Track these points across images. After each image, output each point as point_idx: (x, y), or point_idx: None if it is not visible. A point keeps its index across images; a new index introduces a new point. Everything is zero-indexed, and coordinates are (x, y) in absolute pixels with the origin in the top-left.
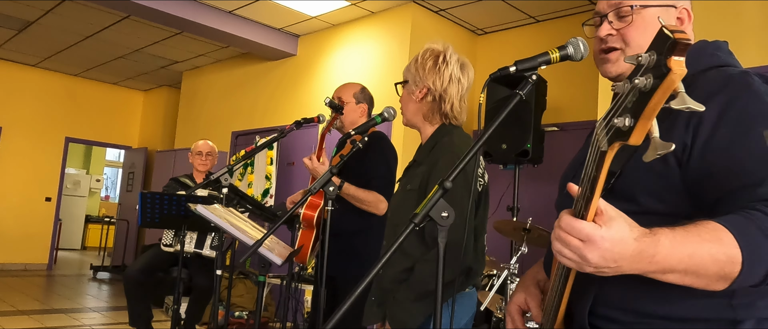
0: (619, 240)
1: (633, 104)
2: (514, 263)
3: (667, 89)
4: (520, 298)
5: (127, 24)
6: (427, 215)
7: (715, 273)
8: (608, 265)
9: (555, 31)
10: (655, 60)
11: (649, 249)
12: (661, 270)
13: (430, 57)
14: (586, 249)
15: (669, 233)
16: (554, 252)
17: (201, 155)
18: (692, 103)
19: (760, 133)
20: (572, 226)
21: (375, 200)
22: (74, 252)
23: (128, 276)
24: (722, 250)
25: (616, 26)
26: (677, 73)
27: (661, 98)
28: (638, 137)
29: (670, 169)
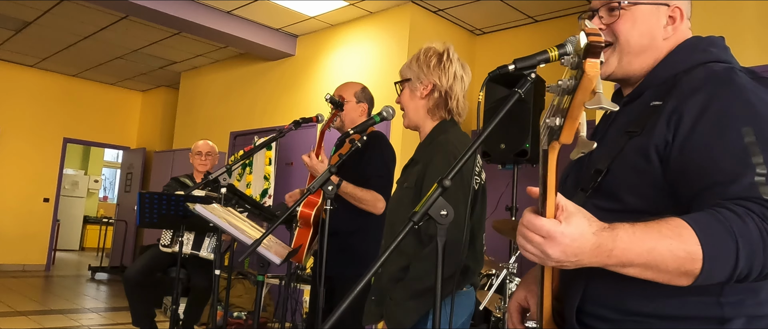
0: (579, 235)
1: (563, 104)
2: (512, 262)
3: (585, 89)
4: (520, 296)
5: (125, 24)
6: (426, 213)
7: (675, 269)
8: (569, 259)
9: (553, 31)
10: (576, 62)
11: (607, 243)
12: (620, 264)
13: (434, 55)
14: (546, 244)
15: (628, 229)
16: (519, 248)
17: (201, 155)
18: (607, 103)
19: (739, 131)
20: (533, 223)
21: (373, 199)
22: (72, 252)
23: (128, 278)
24: (682, 247)
25: (606, 21)
26: (591, 75)
27: (581, 98)
28: (568, 135)
29: (652, 167)
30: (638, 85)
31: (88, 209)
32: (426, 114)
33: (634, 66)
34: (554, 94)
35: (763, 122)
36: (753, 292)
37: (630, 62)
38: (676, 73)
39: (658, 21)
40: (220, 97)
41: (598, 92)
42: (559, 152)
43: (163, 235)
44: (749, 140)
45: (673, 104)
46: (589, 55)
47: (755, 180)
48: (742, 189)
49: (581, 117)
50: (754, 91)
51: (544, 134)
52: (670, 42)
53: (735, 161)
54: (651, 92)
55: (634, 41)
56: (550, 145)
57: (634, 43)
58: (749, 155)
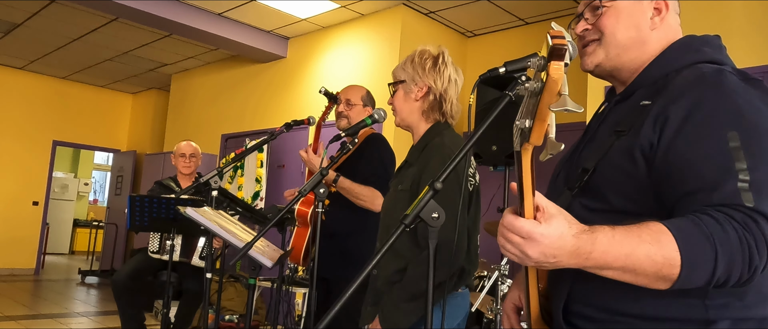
0: (558, 237)
1: (531, 107)
2: (504, 264)
3: (550, 92)
4: (514, 295)
5: (115, 26)
6: (418, 216)
7: (653, 274)
8: (547, 260)
9: (544, 33)
10: (542, 64)
11: (585, 246)
12: (597, 267)
13: (429, 57)
14: (526, 245)
15: (608, 232)
16: (500, 248)
17: (184, 157)
18: (571, 105)
19: (724, 136)
20: (513, 224)
21: (371, 195)
22: (62, 256)
23: (116, 282)
24: (660, 252)
25: (591, 21)
26: (554, 78)
27: (547, 100)
28: (537, 137)
29: (638, 168)
30: (630, 84)
31: (78, 212)
32: (420, 116)
33: (624, 59)
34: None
35: (748, 127)
36: (738, 295)
37: (619, 55)
38: (667, 73)
39: (643, 13)
40: (211, 99)
41: (563, 95)
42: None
43: (151, 241)
44: (734, 145)
45: (661, 106)
46: (554, 58)
47: (738, 187)
48: (725, 196)
49: (550, 118)
50: (742, 94)
51: (517, 135)
52: (662, 38)
53: (717, 167)
54: (642, 91)
55: (621, 34)
56: (523, 146)
57: (620, 36)
58: (732, 160)
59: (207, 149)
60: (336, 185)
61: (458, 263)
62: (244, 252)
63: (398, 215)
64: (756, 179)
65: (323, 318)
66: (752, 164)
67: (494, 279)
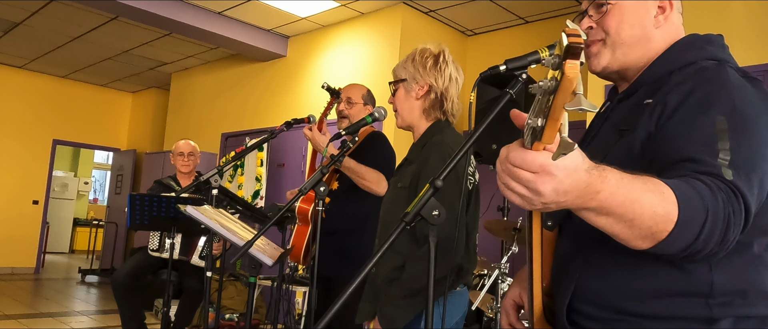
0: (573, 170)
1: (544, 105)
2: (504, 262)
3: (565, 91)
4: (514, 293)
5: (115, 25)
6: (418, 213)
7: (647, 227)
8: (558, 199)
9: (544, 31)
10: (557, 63)
11: (596, 183)
12: (598, 209)
13: (430, 56)
14: (538, 180)
15: (617, 173)
16: (501, 189)
17: (183, 155)
18: (586, 104)
19: (712, 119)
20: (524, 158)
21: (376, 177)
22: (62, 255)
23: (116, 281)
24: (662, 205)
25: (595, 19)
26: (570, 77)
27: (562, 99)
28: (549, 136)
29: (638, 163)
30: (633, 82)
31: (78, 211)
32: (421, 115)
33: (631, 57)
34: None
35: (737, 115)
36: (741, 293)
37: (625, 53)
38: (671, 71)
39: (647, 12)
40: (211, 98)
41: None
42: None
43: (151, 239)
44: (720, 127)
45: (658, 98)
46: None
47: (718, 162)
48: (704, 167)
49: (563, 118)
50: (737, 86)
51: (527, 134)
52: (666, 37)
53: (701, 143)
54: (645, 89)
55: (626, 33)
56: (533, 145)
57: (625, 34)
58: (716, 141)
59: (207, 148)
60: (340, 165)
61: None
62: (245, 249)
63: (397, 212)
64: (735, 158)
65: (323, 317)
66: (734, 146)
67: (494, 277)
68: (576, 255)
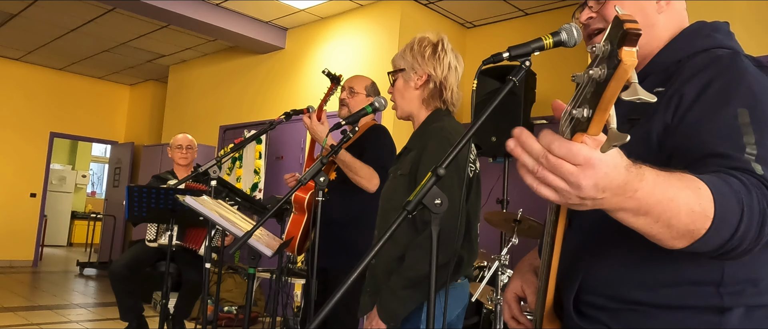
0: (614, 166)
1: (591, 95)
2: (504, 254)
3: (619, 79)
4: (516, 285)
5: (112, 17)
6: (421, 202)
7: (684, 225)
8: (597, 195)
9: (544, 23)
10: (609, 50)
11: (634, 181)
12: (635, 209)
13: (429, 45)
14: (582, 173)
15: (653, 171)
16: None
17: (181, 148)
18: (644, 94)
19: (734, 111)
20: (569, 149)
21: (369, 173)
22: (60, 248)
23: (113, 272)
24: (699, 202)
25: (595, 9)
26: (627, 64)
27: (615, 89)
28: (597, 128)
29: (652, 153)
30: (641, 71)
31: (76, 204)
32: (420, 104)
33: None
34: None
35: (759, 106)
36: (753, 281)
37: None
38: (679, 59)
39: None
40: (209, 90)
41: (633, 82)
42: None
43: (148, 230)
44: (743, 120)
45: (675, 88)
46: (627, 43)
47: (745, 157)
48: (733, 162)
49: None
50: (755, 76)
51: (566, 124)
52: (671, 24)
53: (726, 137)
54: (654, 78)
55: None
56: (574, 137)
57: None
58: (741, 134)
59: (205, 140)
60: (336, 157)
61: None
62: (244, 240)
63: (397, 199)
64: (762, 153)
65: (321, 309)
66: (759, 139)
67: (494, 269)
68: (584, 247)
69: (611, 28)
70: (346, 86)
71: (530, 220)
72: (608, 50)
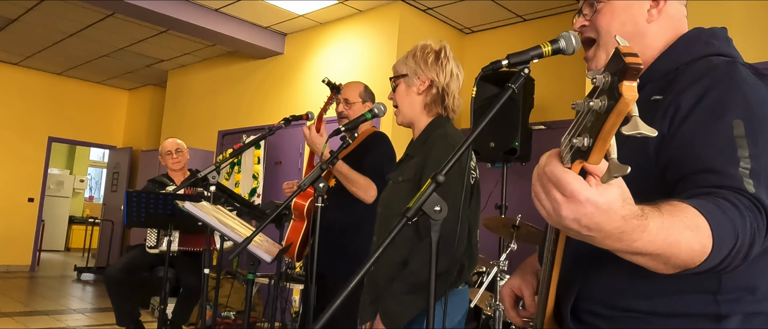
0: (606, 211)
1: (591, 125)
2: (503, 260)
3: (620, 113)
4: (515, 282)
5: (111, 22)
6: (420, 209)
7: (682, 262)
8: (580, 230)
9: (542, 29)
10: (610, 82)
11: (634, 232)
12: (632, 253)
13: (432, 52)
14: (565, 204)
15: (658, 219)
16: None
17: (171, 154)
18: (645, 128)
19: (729, 123)
20: (560, 177)
21: (366, 184)
22: (58, 253)
23: (109, 276)
24: (699, 240)
25: (588, 17)
26: (628, 99)
27: (615, 121)
28: (597, 157)
29: (650, 162)
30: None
31: (74, 209)
32: (422, 110)
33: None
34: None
35: (754, 118)
36: (750, 289)
37: None
38: (677, 67)
39: (640, 7)
40: (207, 95)
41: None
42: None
43: (148, 236)
44: (738, 132)
45: (672, 97)
46: (628, 78)
47: (739, 172)
48: (726, 179)
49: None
50: (752, 86)
51: (567, 151)
52: (665, 31)
53: (720, 151)
54: (652, 86)
55: (616, 30)
56: (573, 164)
57: (615, 32)
58: (735, 147)
59: (204, 145)
60: (333, 167)
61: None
62: (244, 246)
63: (398, 205)
64: (756, 167)
65: (320, 317)
66: (754, 153)
67: (493, 274)
68: (583, 255)
69: (612, 59)
70: (340, 99)
71: (529, 226)
72: (609, 82)
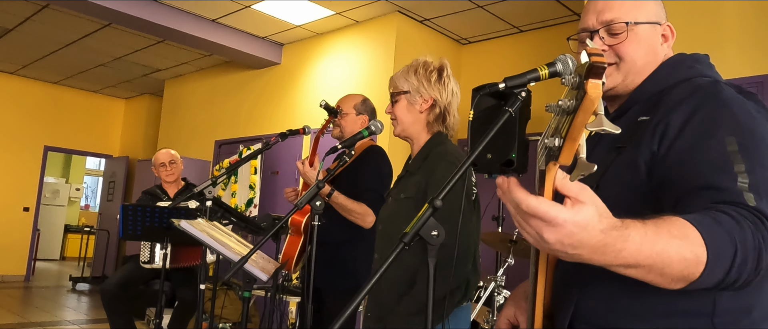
0: (583, 227)
1: (562, 125)
2: (500, 275)
3: (586, 110)
4: (509, 312)
5: (108, 32)
6: (417, 234)
7: (678, 272)
8: (566, 250)
9: (538, 41)
10: (577, 82)
11: (616, 243)
12: (624, 265)
13: (435, 70)
14: (545, 228)
15: (641, 228)
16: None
17: (165, 166)
18: (608, 125)
19: (722, 140)
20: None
21: (363, 212)
22: (53, 262)
23: (105, 291)
24: (690, 249)
25: (608, 42)
26: (592, 96)
27: (582, 119)
28: (567, 157)
29: (641, 180)
30: (625, 101)
31: (70, 217)
32: (423, 127)
33: (637, 82)
34: (553, 113)
35: (745, 133)
36: (746, 310)
37: (634, 80)
38: (662, 89)
39: (656, 38)
40: (204, 105)
41: (599, 114)
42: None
43: (142, 251)
44: (732, 148)
45: (660, 117)
46: (592, 76)
47: (738, 187)
48: (726, 195)
49: (581, 138)
50: (737, 102)
51: (542, 154)
52: (667, 54)
53: (717, 168)
54: (638, 107)
55: (641, 61)
56: (548, 165)
57: (640, 63)
58: (731, 163)
59: (200, 155)
60: (330, 200)
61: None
62: (240, 265)
63: (401, 223)
64: (754, 181)
65: None
66: (750, 167)
67: (490, 289)
68: (576, 275)
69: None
70: (336, 106)
71: (526, 240)
72: (577, 82)
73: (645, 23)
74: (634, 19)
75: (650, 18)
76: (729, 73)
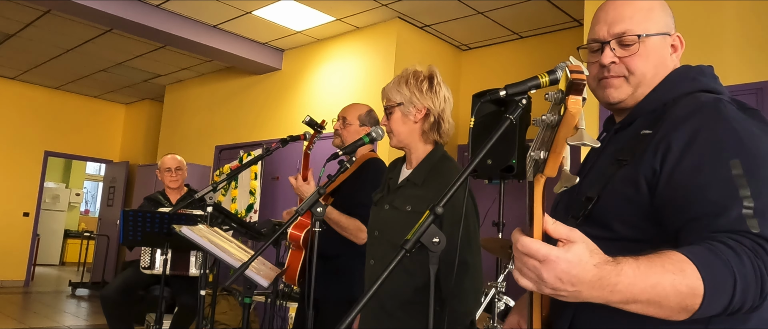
0: (577, 263)
1: (547, 139)
2: (501, 281)
3: (567, 125)
4: (513, 320)
5: (109, 37)
6: (418, 241)
7: (677, 304)
8: (565, 288)
9: (538, 47)
10: (560, 97)
11: (610, 277)
12: (623, 300)
13: (425, 79)
14: (542, 268)
15: (633, 263)
16: (515, 275)
17: (170, 171)
18: (588, 139)
19: (726, 163)
20: (530, 247)
21: (355, 228)
22: (52, 267)
23: (105, 297)
24: (685, 282)
25: (619, 54)
26: (572, 112)
27: (564, 133)
28: (552, 169)
29: (642, 196)
30: (629, 113)
31: (69, 222)
32: (419, 137)
33: (646, 94)
34: (539, 127)
35: (749, 155)
36: (741, 321)
37: (643, 93)
38: (665, 102)
39: (666, 49)
40: (205, 110)
41: (580, 129)
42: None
43: (142, 256)
44: (736, 172)
45: (662, 134)
46: (572, 92)
47: (743, 213)
48: (730, 222)
49: (565, 151)
50: (741, 123)
51: (530, 166)
52: (676, 64)
53: (722, 192)
54: (641, 120)
55: (650, 73)
56: (536, 177)
57: (650, 75)
58: (736, 187)
59: (200, 160)
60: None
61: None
62: (240, 272)
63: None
64: (759, 205)
65: None
66: (755, 191)
67: (491, 296)
68: None
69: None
70: (340, 116)
71: None
72: (559, 97)
73: (656, 35)
74: (645, 31)
75: (661, 29)
76: (728, 80)
